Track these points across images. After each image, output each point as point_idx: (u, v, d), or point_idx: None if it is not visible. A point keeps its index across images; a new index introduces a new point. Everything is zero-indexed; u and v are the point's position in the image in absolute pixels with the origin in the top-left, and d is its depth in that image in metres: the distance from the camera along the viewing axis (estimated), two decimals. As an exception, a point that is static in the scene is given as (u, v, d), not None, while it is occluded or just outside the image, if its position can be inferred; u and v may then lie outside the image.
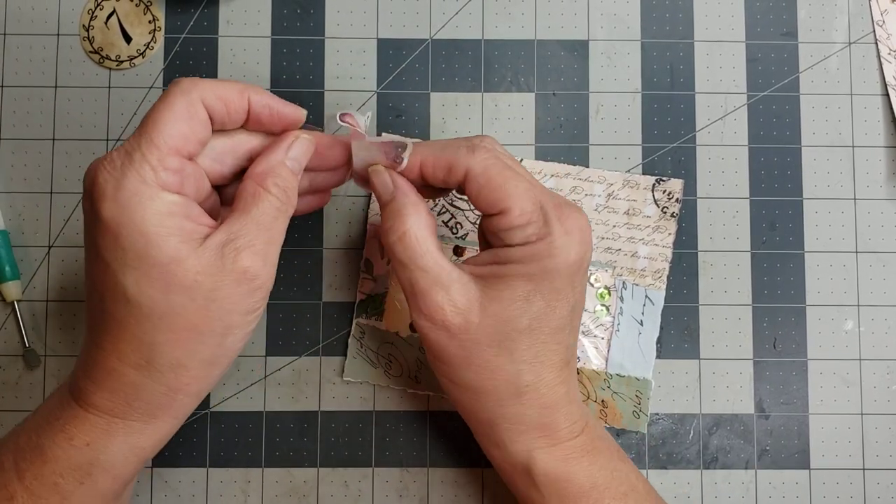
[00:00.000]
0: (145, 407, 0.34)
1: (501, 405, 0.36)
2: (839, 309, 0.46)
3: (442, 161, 0.37)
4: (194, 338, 0.33)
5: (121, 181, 0.32)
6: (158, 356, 0.33)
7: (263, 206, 0.34)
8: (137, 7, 0.47)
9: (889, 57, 0.48)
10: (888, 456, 0.46)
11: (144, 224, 0.32)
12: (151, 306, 0.32)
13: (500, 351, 0.36)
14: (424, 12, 0.47)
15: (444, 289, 0.35)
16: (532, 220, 0.35)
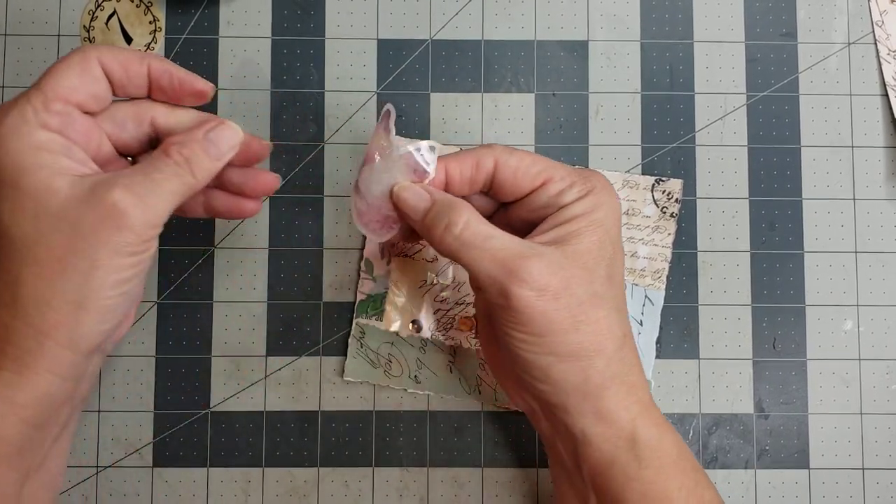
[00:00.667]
0: (16, 353, 0.33)
1: (609, 363, 0.35)
2: (838, 309, 0.46)
3: (468, 160, 0.37)
4: (58, 271, 0.32)
5: (2, 118, 0.33)
6: (23, 289, 0.33)
7: (157, 164, 0.34)
8: (138, 8, 0.47)
9: (888, 57, 0.48)
10: (887, 455, 0.46)
11: (19, 155, 0.33)
12: (22, 237, 0.33)
13: (595, 303, 0.35)
14: (424, 13, 0.48)
15: (536, 255, 0.35)
16: (575, 179, 0.37)
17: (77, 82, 0.34)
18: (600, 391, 0.35)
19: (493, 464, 0.45)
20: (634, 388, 0.36)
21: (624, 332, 0.36)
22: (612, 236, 0.37)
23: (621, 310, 0.37)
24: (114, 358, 0.45)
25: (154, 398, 0.45)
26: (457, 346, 0.45)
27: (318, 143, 0.47)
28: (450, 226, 0.36)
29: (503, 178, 0.37)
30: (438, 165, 0.38)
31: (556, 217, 0.37)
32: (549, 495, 0.45)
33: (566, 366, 0.35)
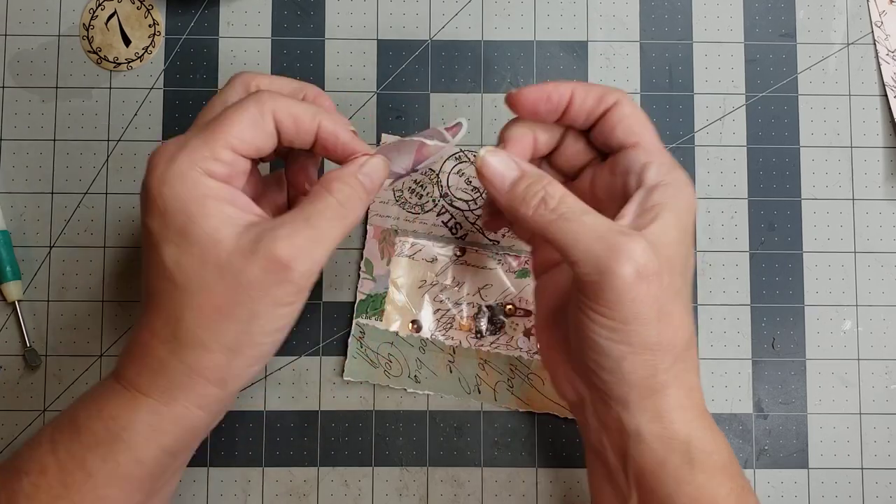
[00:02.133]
0: (167, 385, 0.34)
1: (676, 362, 0.34)
2: (837, 309, 0.46)
3: (593, 91, 0.37)
4: (218, 318, 0.33)
5: (171, 163, 0.33)
6: (184, 333, 0.34)
7: (318, 206, 0.34)
8: (139, 10, 0.47)
9: (887, 57, 0.48)
10: (886, 455, 0.46)
11: (187, 202, 0.33)
12: (185, 282, 0.33)
13: (675, 297, 0.34)
14: (424, 13, 0.48)
15: (639, 236, 0.33)
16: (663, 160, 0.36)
17: (249, 136, 0.34)
18: (663, 389, 0.35)
19: (492, 464, 0.45)
20: (693, 391, 0.36)
21: (692, 333, 0.35)
22: (689, 231, 0.36)
23: (690, 309, 0.36)
24: (114, 358, 0.45)
25: (154, 398, 0.45)
26: (457, 346, 0.45)
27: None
28: (546, 198, 0.34)
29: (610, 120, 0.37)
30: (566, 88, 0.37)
31: (641, 199, 0.35)
32: (548, 495, 0.45)
33: (639, 358, 0.34)
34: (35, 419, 0.45)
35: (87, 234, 0.46)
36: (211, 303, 0.33)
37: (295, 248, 0.33)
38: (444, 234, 0.46)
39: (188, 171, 0.33)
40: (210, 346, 0.34)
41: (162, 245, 0.33)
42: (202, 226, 0.33)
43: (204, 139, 0.33)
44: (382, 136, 0.46)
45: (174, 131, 0.47)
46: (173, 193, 0.33)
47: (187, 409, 0.35)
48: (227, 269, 0.33)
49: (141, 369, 0.34)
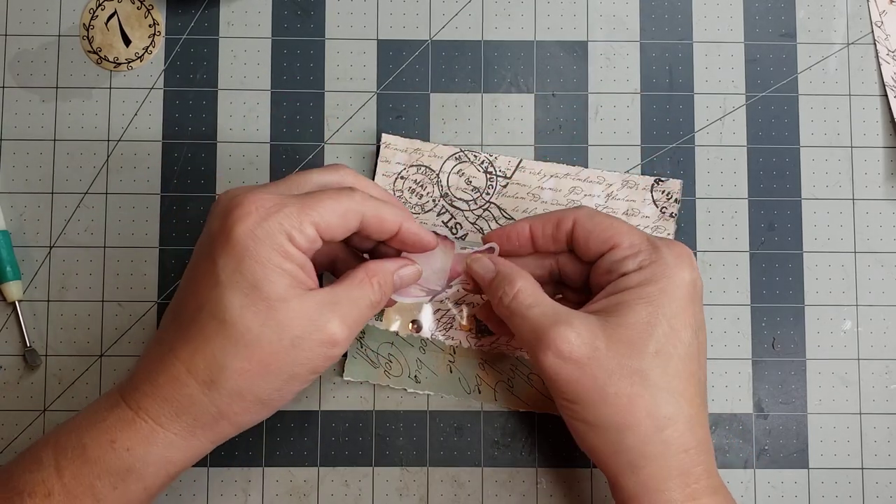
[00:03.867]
0: (191, 423, 0.36)
1: (645, 442, 0.36)
2: (837, 309, 0.46)
3: (551, 219, 0.40)
4: (262, 375, 0.35)
5: (265, 219, 0.35)
6: (225, 380, 0.35)
7: (364, 291, 0.38)
8: (139, 10, 0.47)
9: (887, 57, 0.48)
10: (887, 455, 0.46)
11: (268, 261, 0.35)
12: (244, 332, 0.35)
13: (634, 379, 0.36)
14: (424, 13, 0.48)
15: (566, 323, 0.37)
16: (642, 248, 0.38)
17: (334, 224, 0.36)
18: (634, 469, 0.36)
19: (492, 464, 0.45)
20: (686, 475, 0.36)
21: (670, 415, 0.36)
22: (669, 312, 0.37)
23: (676, 391, 0.36)
24: (114, 358, 0.45)
25: (154, 398, 0.45)
26: (457, 346, 0.45)
27: (318, 144, 0.47)
28: (502, 296, 0.39)
29: (577, 239, 0.40)
30: (523, 224, 0.41)
31: (612, 286, 0.38)
32: (548, 495, 0.45)
33: (597, 434, 0.37)
34: (35, 419, 0.45)
35: (87, 234, 0.46)
36: (261, 358, 0.35)
37: (346, 327, 0.36)
38: (444, 234, 0.46)
39: (277, 233, 0.35)
40: (245, 397, 0.35)
41: (229, 290, 0.35)
42: (276, 284, 0.35)
43: (297, 210, 0.35)
44: (383, 135, 0.46)
45: (174, 131, 0.47)
46: (257, 247, 0.35)
47: (202, 443, 0.37)
48: (286, 330, 0.35)
49: (165, 404, 0.35)
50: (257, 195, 0.36)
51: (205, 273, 0.36)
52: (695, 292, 0.38)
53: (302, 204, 0.36)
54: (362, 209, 0.37)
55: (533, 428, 0.45)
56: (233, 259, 0.35)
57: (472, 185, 0.46)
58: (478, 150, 0.47)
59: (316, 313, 0.35)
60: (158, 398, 0.35)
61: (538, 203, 0.46)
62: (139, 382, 0.36)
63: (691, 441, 0.36)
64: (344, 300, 0.37)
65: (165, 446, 0.35)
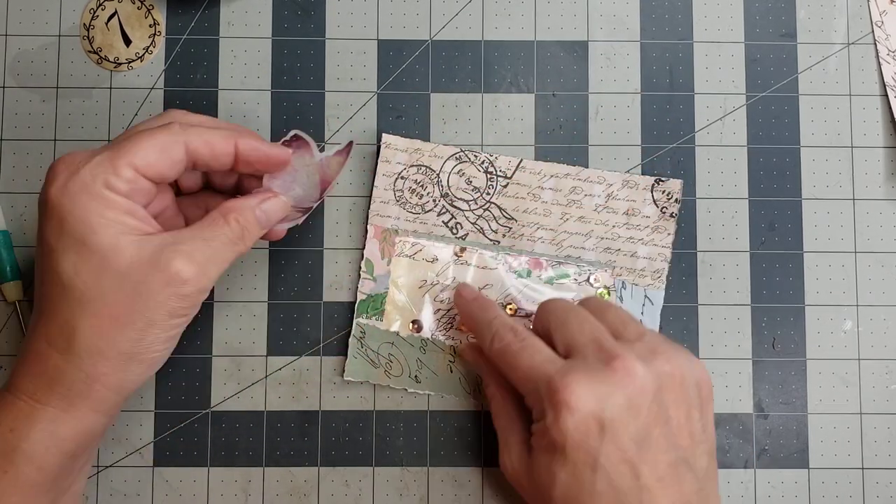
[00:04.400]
0: (65, 392, 0.35)
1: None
2: (838, 309, 0.46)
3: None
4: (115, 326, 0.34)
5: (74, 175, 0.34)
6: (80, 340, 0.34)
7: (216, 231, 0.37)
8: (139, 10, 0.47)
9: (888, 57, 0.48)
10: (887, 455, 0.46)
11: (87, 213, 0.34)
12: (83, 290, 0.34)
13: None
14: (424, 13, 0.48)
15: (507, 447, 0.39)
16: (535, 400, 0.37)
17: (154, 160, 0.35)
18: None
19: (493, 464, 0.45)
20: None
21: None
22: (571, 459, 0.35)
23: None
24: (114, 358, 0.45)
25: (154, 398, 0.45)
26: (457, 345, 0.45)
27: (318, 144, 0.47)
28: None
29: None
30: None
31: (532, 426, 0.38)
32: (548, 495, 0.45)
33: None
34: (35, 419, 0.45)
35: (88, 234, 0.46)
36: (108, 311, 0.34)
37: (193, 263, 0.35)
38: (444, 234, 0.46)
39: (90, 183, 0.34)
40: (107, 354, 0.35)
41: (59, 253, 0.34)
42: (101, 235, 0.34)
43: (108, 156, 0.35)
44: (383, 135, 0.46)
45: (174, 131, 0.47)
46: (73, 203, 0.34)
47: (86, 414, 0.36)
48: (126, 278, 0.34)
49: (37, 379, 0.35)
50: (68, 155, 0.35)
51: (38, 247, 0.36)
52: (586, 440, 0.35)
53: (113, 149, 0.35)
54: (183, 138, 0.36)
55: (533, 428, 0.45)
56: (54, 222, 0.34)
57: (472, 185, 0.46)
58: (478, 150, 0.47)
59: (155, 255, 0.35)
60: (30, 376, 0.35)
61: (538, 203, 0.46)
62: (16, 366, 0.36)
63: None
64: (189, 239, 0.36)
65: (48, 421, 0.35)
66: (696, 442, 0.37)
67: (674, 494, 0.35)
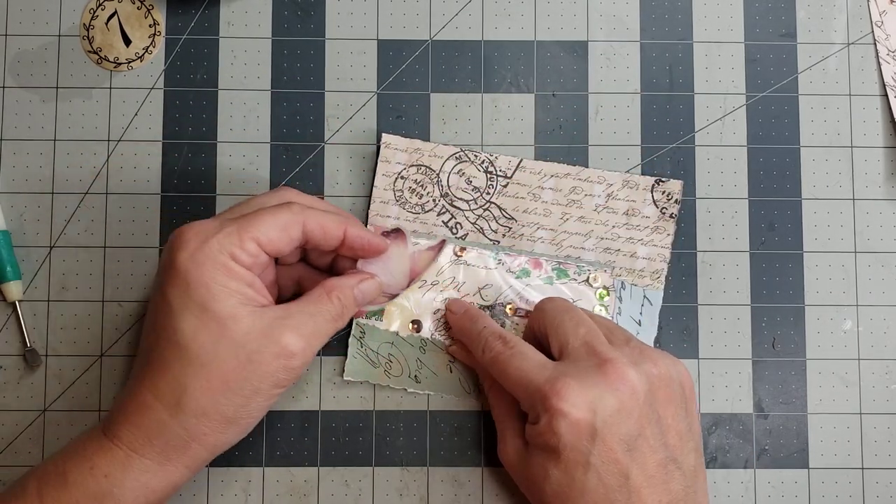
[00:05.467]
0: (164, 447, 0.37)
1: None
2: (838, 309, 0.46)
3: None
4: (224, 391, 0.36)
5: (204, 244, 0.37)
6: (189, 400, 0.36)
7: (321, 308, 0.39)
8: (139, 10, 0.47)
9: (888, 57, 0.48)
10: (887, 455, 0.46)
11: (213, 281, 0.36)
12: (199, 353, 0.36)
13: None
14: (424, 13, 0.48)
15: (504, 438, 0.41)
16: (529, 405, 0.39)
17: (275, 237, 0.38)
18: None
19: (493, 464, 0.45)
20: None
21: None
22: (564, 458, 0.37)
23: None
24: (114, 358, 0.45)
25: (154, 398, 0.45)
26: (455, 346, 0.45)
27: (318, 144, 0.47)
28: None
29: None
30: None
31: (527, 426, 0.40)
32: (548, 495, 0.45)
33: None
34: (35, 419, 0.45)
35: (87, 234, 0.46)
36: (220, 376, 0.36)
37: (301, 338, 0.37)
38: (444, 234, 0.46)
39: (217, 253, 0.36)
40: (211, 416, 0.37)
41: (180, 315, 0.36)
42: (223, 303, 0.36)
43: (235, 230, 0.37)
44: (383, 135, 0.46)
45: (174, 131, 0.47)
46: (200, 271, 0.36)
47: (178, 469, 0.37)
48: (241, 347, 0.36)
49: (138, 430, 0.37)
50: (197, 224, 0.38)
51: (157, 304, 0.37)
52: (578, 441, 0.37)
53: (240, 223, 0.37)
54: (301, 218, 0.38)
55: (533, 428, 0.45)
56: (180, 285, 0.36)
57: (472, 185, 0.46)
58: (478, 149, 0.47)
59: (269, 328, 0.37)
60: (131, 426, 0.37)
61: (538, 203, 0.46)
62: (114, 413, 0.38)
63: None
64: (297, 314, 0.38)
65: (142, 471, 0.37)
66: (684, 441, 0.39)
67: (662, 493, 0.37)
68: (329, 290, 0.40)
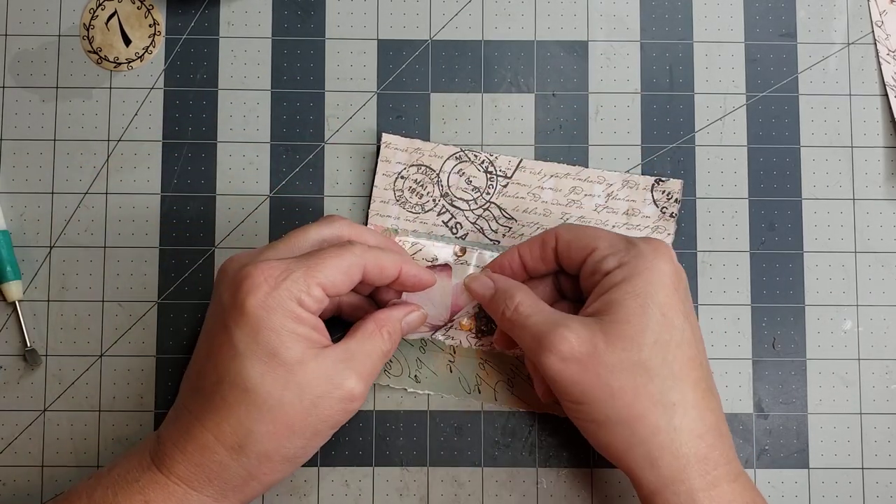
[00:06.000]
0: (223, 486, 0.37)
1: (656, 432, 0.36)
2: (838, 309, 0.46)
3: (536, 242, 0.42)
4: (287, 434, 0.37)
5: (274, 288, 0.36)
6: (253, 443, 0.36)
7: (375, 343, 0.39)
8: (139, 10, 0.47)
9: (888, 57, 0.48)
10: (887, 455, 0.46)
11: (282, 328, 0.36)
12: (265, 398, 0.36)
13: (636, 371, 0.36)
14: (424, 13, 0.48)
15: (564, 326, 0.38)
16: (620, 247, 0.39)
17: (339, 281, 0.38)
18: (651, 461, 0.36)
19: (493, 464, 0.45)
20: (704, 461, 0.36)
21: (676, 401, 0.36)
22: (658, 301, 0.37)
23: (678, 377, 0.37)
24: (114, 358, 0.45)
25: (154, 398, 0.45)
26: (457, 346, 0.45)
27: (318, 143, 0.47)
28: (504, 310, 0.40)
29: (561, 252, 0.41)
30: (513, 252, 0.42)
31: (600, 287, 0.39)
32: (548, 495, 0.45)
33: (608, 432, 0.37)
34: (35, 419, 0.45)
35: (87, 234, 0.46)
36: (285, 420, 0.37)
37: (362, 382, 0.38)
38: (444, 234, 0.46)
39: (286, 300, 0.37)
40: (273, 458, 0.37)
41: (248, 360, 0.36)
42: (292, 350, 0.36)
43: (303, 275, 0.37)
44: (383, 135, 0.46)
45: (174, 131, 0.47)
46: (270, 317, 0.36)
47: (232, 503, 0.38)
48: (305, 391, 0.37)
49: (197, 470, 0.37)
50: (264, 265, 0.37)
51: (222, 345, 0.37)
52: (678, 281, 0.38)
53: (307, 267, 0.37)
54: (363, 261, 0.39)
55: (533, 428, 0.45)
56: (248, 330, 0.36)
57: (472, 185, 0.46)
58: (478, 149, 0.47)
59: (333, 371, 0.37)
60: (190, 464, 0.37)
61: (538, 203, 0.46)
62: (169, 449, 0.37)
63: (702, 426, 0.37)
64: (358, 354, 0.38)
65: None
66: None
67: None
68: (381, 326, 0.40)
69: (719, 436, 0.37)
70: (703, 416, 0.37)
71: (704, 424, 0.37)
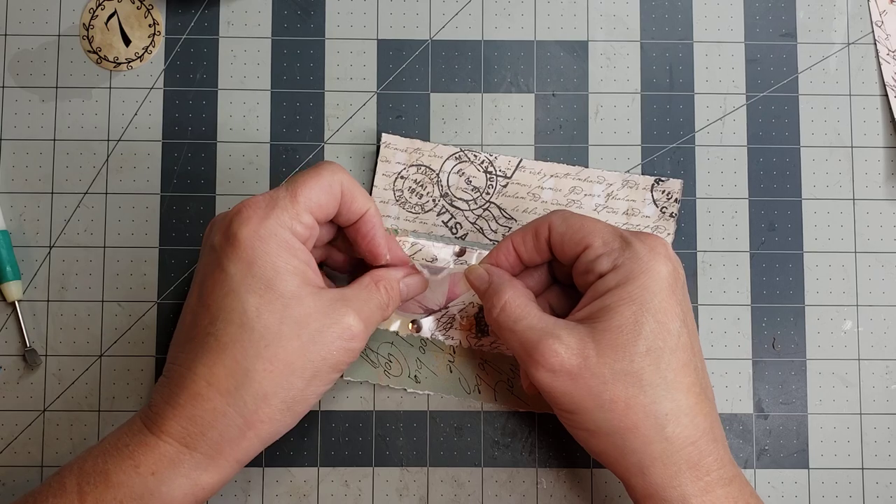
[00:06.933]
0: (217, 438, 0.35)
1: (648, 442, 0.36)
2: (838, 309, 0.46)
3: (528, 231, 0.40)
4: (286, 373, 0.35)
5: (264, 219, 0.36)
6: (251, 383, 0.35)
7: (372, 293, 0.39)
8: (139, 10, 0.47)
9: (888, 57, 0.48)
10: (887, 455, 0.46)
11: (277, 259, 0.35)
12: (263, 332, 0.35)
13: (628, 381, 0.36)
14: (424, 13, 0.48)
15: (553, 336, 0.36)
16: (614, 246, 0.37)
17: (323, 200, 0.37)
18: (643, 469, 0.36)
19: (492, 464, 0.45)
20: (696, 468, 0.36)
21: (669, 411, 0.36)
22: (654, 308, 0.36)
23: (671, 385, 0.36)
24: (114, 358, 0.45)
25: (154, 398, 0.45)
26: (457, 346, 0.45)
27: (318, 143, 0.47)
28: (491, 308, 0.39)
29: (554, 244, 0.39)
30: (507, 242, 0.41)
31: (593, 290, 0.38)
32: (548, 495, 0.45)
33: (600, 440, 0.37)
34: (35, 419, 0.45)
35: (87, 234, 0.46)
36: (283, 357, 0.35)
37: (360, 320, 0.37)
38: (444, 234, 0.46)
39: (278, 228, 0.36)
40: (271, 401, 0.36)
41: (244, 293, 0.35)
42: (288, 282, 0.35)
43: (289, 199, 0.36)
44: (383, 135, 0.46)
45: (174, 131, 0.47)
46: (266, 247, 0.35)
47: (229, 464, 0.36)
48: (303, 326, 0.35)
49: (189, 423, 0.35)
50: (250, 199, 0.37)
51: (214, 284, 0.36)
52: (675, 282, 0.37)
53: (289, 190, 0.36)
54: (340, 178, 0.38)
55: (533, 428, 0.45)
56: (243, 262, 0.35)
57: (472, 185, 0.46)
58: (478, 149, 0.47)
59: (330, 308, 0.36)
60: (181, 418, 0.35)
61: (538, 203, 0.46)
62: (159, 405, 0.36)
63: (695, 432, 0.36)
64: (354, 299, 0.38)
65: (192, 467, 0.35)
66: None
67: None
68: (377, 280, 0.39)
69: (713, 440, 0.36)
70: (696, 422, 0.36)
71: (698, 430, 0.36)
